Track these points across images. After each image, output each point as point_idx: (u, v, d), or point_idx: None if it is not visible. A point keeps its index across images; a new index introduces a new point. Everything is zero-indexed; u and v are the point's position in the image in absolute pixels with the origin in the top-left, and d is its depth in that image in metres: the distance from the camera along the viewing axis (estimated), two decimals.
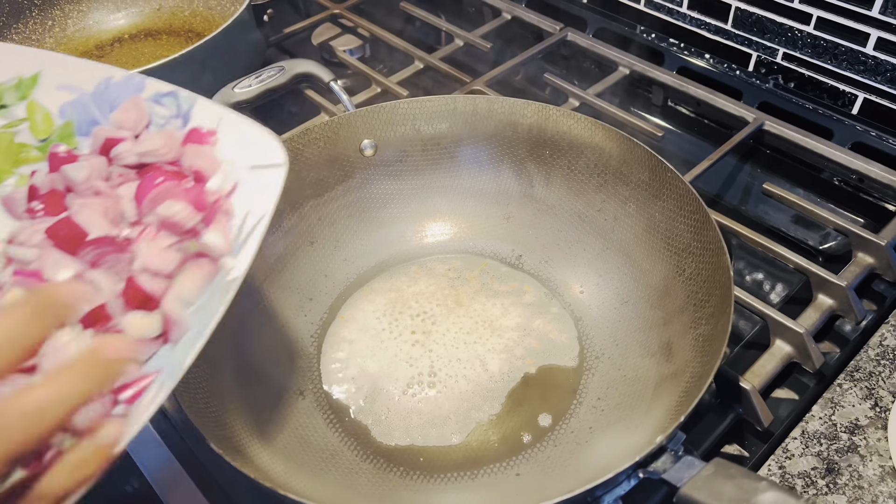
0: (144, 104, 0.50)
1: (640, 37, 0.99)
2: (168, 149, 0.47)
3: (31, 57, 0.52)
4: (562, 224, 0.70)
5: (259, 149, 0.45)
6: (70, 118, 0.51)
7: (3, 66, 0.52)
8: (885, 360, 0.62)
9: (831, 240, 0.77)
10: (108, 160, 0.48)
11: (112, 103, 0.51)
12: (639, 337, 0.62)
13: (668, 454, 0.46)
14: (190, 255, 0.43)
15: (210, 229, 0.44)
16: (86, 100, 0.51)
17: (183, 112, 0.49)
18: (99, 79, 0.51)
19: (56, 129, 0.51)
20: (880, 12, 0.76)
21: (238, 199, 0.45)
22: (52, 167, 0.48)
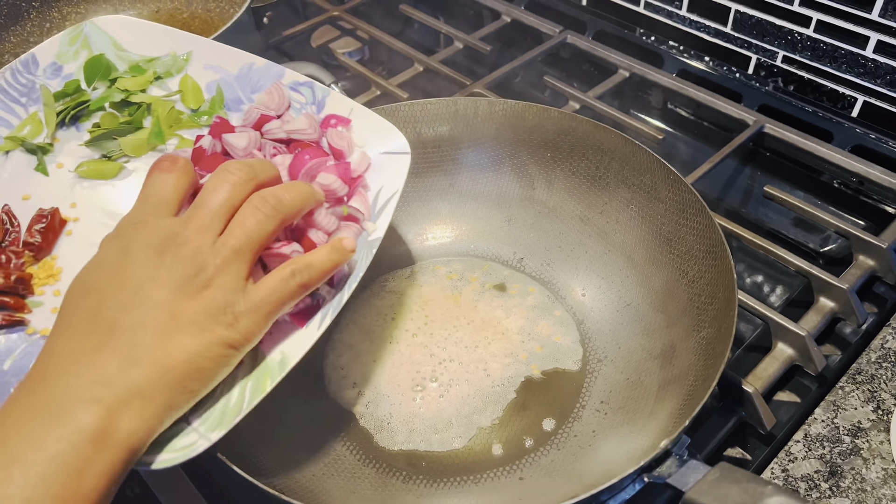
0: (285, 90, 0.58)
1: (640, 39, 0.99)
2: (312, 129, 0.56)
3: (183, 39, 0.61)
4: (563, 227, 0.70)
5: (386, 137, 0.55)
6: (216, 94, 0.60)
7: (158, 44, 0.62)
8: (887, 363, 0.62)
9: (832, 242, 0.77)
10: (260, 133, 0.56)
11: (254, 86, 0.59)
12: (641, 340, 0.62)
13: (673, 458, 0.46)
14: (342, 217, 0.53)
15: (354, 199, 0.54)
16: (230, 80, 0.60)
17: (318, 100, 0.58)
18: (242, 63, 0.60)
19: (206, 101, 0.60)
20: (880, 15, 0.76)
21: (372, 176, 0.54)
22: (213, 134, 0.56)
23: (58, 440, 0.37)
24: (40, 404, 0.39)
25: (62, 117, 0.60)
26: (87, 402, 0.39)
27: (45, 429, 0.38)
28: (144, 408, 0.40)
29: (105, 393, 0.39)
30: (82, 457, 0.37)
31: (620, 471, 0.44)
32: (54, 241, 0.55)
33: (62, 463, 0.37)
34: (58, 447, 0.37)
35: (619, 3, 1.00)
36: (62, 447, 0.37)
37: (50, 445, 0.37)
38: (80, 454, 0.37)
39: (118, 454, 0.39)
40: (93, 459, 0.38)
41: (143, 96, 0.61)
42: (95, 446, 0.38)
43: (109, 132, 0.60)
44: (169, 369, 0.41)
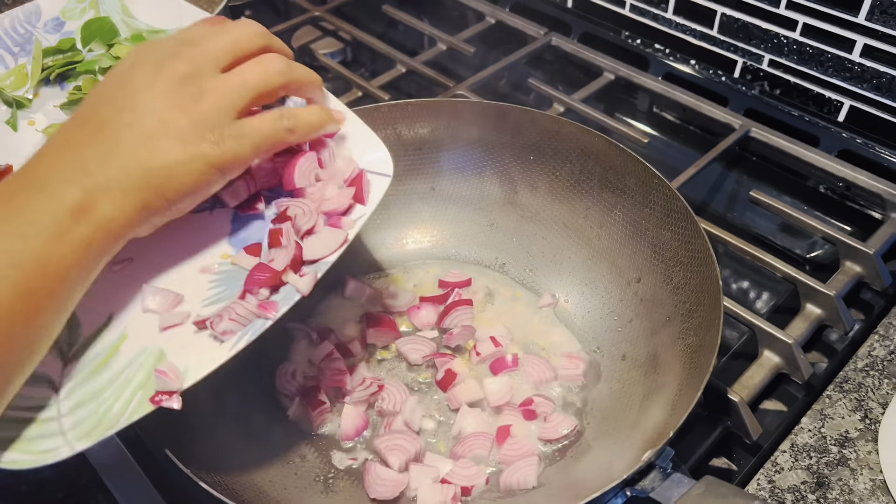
0: None
1: (626, 42, 0.98)
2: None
3: (193, 13, 0.61)
4: (546, 231, 0.69)
5: (374, 157, 0.52)
6: None
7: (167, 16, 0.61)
8: (875, 371, 0.61)
9: (818, 248, 0.77)
10: None
11: None
12: (625, 348, 0.61)
13: (657, 471, 0.45)
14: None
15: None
16: None
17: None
18: None
19: None
20: (866, 19, 0.76)
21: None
22: None
23: (38, 208, 0.41)
24: (28, 181, 0.43)
25: (47, 74, 0.60)
26: (69, 183, 0.42)
27: (29, 199, 0.41)
28: (122, 198, 0.43)
29: (84, 178, 0.42)
30: (60, 224, 0.41)
31: (603, 484, 0.43)
32: None
33: (42, 227, 0.41)
34: (38, 214, 0.41)
35: (604, 6, 0.99)
36: (42, 215, 0.41)
37: (32, 212, 0.41)
38: (59, 222, 0.41)
39: (95, 231, 0.42)
40: (70, 229, 0.41)
41: None
42: (73, 219, 0.41)
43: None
44: (148, 170, 0.43)
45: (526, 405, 0.58)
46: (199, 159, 0.44)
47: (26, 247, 0.40)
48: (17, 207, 0.41)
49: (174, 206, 0.45)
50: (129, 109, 0.44)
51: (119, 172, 0.43)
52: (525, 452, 0.54)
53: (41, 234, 0.40)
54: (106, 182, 0.42)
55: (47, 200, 0.41)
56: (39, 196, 0.42)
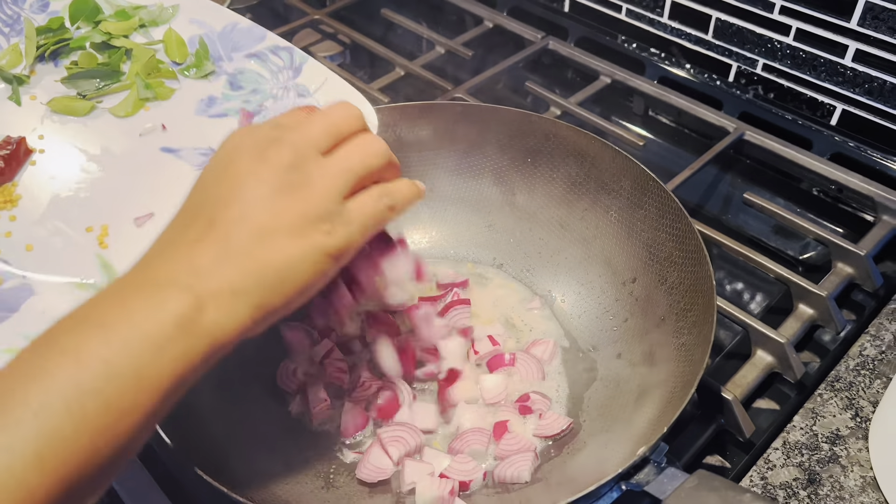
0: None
1: (622, 46, 0.99)
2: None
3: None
4: (543, 233, 0.70)
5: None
6: (200, 47, 0.61)
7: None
8: (865, 370, 0.62)
9: (811, 250, 0.78)
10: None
11: (235, 45, 0.61)
12: (620, 347, 0.62)
13: (651, 466, 0.46)
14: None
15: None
16: (213, 37, 0.62)
17: (295, 65, 0.59)
18: (227, 21, 0.62)
19: (191, 56, 0.62)
20: (858, 24, 0.77)
21: None
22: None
23: (145, 316, 0.38)
24: (138, 284, 0.41)
25: (42, 51, 0.61)
26: (179, 288, 0.39)
27: (136, 305, 0.39)
28: (234, 302, 0.40)
29: (197, 283, 0.40)
30: (165, 336, 0.38)
31: (598, 478, 0.44)
32: (17, 168, 0.56)
33: (145, 337, 0.38)
34: (144, 322, 0.38)
35: (600, 10, 1.00)
36: (147, 322, 0.38)
37: (138, 319, 0.38)
38: (164, 333, 0.38)
39: (200, 342, 0.39)
40: (175, 340, 0.38)
41: (124, 41, 0.62)
42: (179, 330, 0.38)
43: (87, 71, 0.60)
44: (264, 268, 0.41)
45: (522, 401, 0.59)
46: (315, 251, 0.42)
47: (124, 358, 0.37)
48: (120, 312, 0.39)
49: (290, 303, 0.43)
50: (237, 202, 0.42)
51: (232, 275, 0.40)
52: (522, 448, 0.55)
53: (142, 345, 0.38)
54: (218, 287, 0.40)
55: (153, 307, 0.39)
56: (145, 302, 0.39)
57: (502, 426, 0.57)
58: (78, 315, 0.39)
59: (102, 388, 0.36)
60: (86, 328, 0.38)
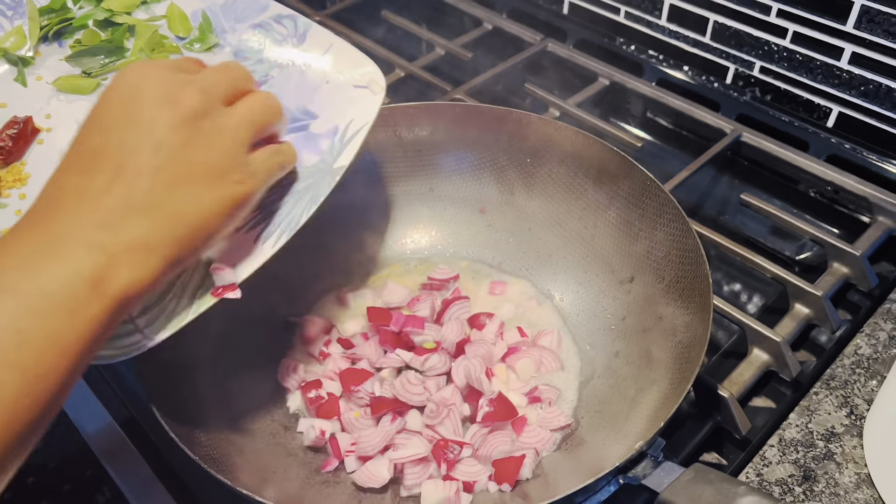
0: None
1: (620, 48, 1.00)
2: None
3: None
4: (542, 232, 0.70)
5: (363, 73, 0.56)
6: (203, 21, 0.62)
7: None
8: (860, 369, 0.63)
9: (807, 250, 0.78)
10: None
11: (238, 16, 0.61)
12: (618, 345, 0.62)
13: (648, 460, 0.46)
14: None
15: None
16: (216, 9, 0.62)
17: (300, 33, 0.59)
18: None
19: (195, 30, 0.62)
20: (854, 27, 0.78)
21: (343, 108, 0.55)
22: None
23: (55, 278, 0.37)
24: (41, 239, 0.38)
25: (45, 31, 0.62)
26: (89, 246, 0.38)
27: (43, 264, 0.37)
28: (147, 258, 0.39)
29: (108, 238, 0.38)
30: (77, 299, 0.37)
31: (596, 472, 0.44)
32: (25, 147, 0.57)
33: (57, 302, 0.36)
34: (54, 285, 0.37)
35: (599, 13, 1.00)
36: (58, 286, 0.37)
37: (46, 282, 0.36)
38: (76, 296, 0.37)
39: (113, 302, 0.38)
40: (88, 303, 0.37)
41: (127, 18, 0.63)
42: (92, 291, 0.37)
43: (90, 49, 0.61)
44: (177, 220, 0.40)
45: (531, 393, 0.59)
46: (227, 201, 0.42)
47: (38, 325, 0.36)
48: (25, 276, 0.37)
49: (198, 252, 0.43)
50: (145, 149, 0.40)
51: (143, 229, 0.39)
52: (540, 439, 0.56)
53: (55, 309, 0.36)
54: (130, 241, 0.39)
55: (61, 267, 0.37)
56: (52, 262, 0.37)
57: (521, 421, 0.57)
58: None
59: (17, 357, 0.35)
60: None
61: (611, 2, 0.98)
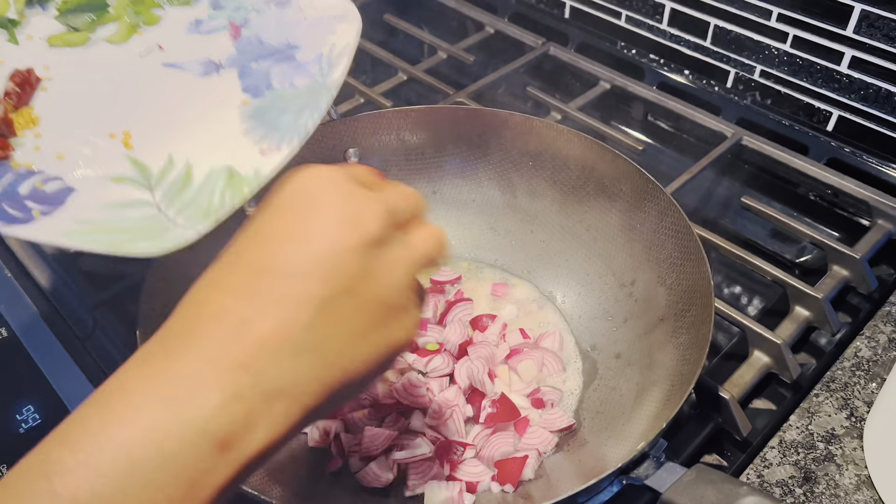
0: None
1: (621, 52, 1.00)
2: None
3: None
4: (545, 234, 0.71)
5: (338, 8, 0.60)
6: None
7: None
8: (860, 371, 0.63)
9: (807, 253, 0.79)
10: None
11: None
12: (620, 347, 0.63)
13: (651, 460, 0.47)
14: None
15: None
16: None
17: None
18: None
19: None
20: (854, 31, 0.78)
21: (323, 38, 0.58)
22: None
23: (174, 435, 0.29)
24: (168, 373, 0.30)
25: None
26: (225, 392, 0.30)
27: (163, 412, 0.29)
28: (289, 411, 0.31)
29: (250, 383, 0.30)
30: (201, 464, 0.29)
31: (598, 473, 0.45)
32: (31, 94, 0.58)
33: (176, 468, 0.29)
34: (173, 445, 0.29)
35: (600, 17, 1.01)
36: (178, 446, 0.29)
37: (163, 439, 0.29)
38: (200, 460, 0.29)
39: (241, 468, 0.30)
40: (213, 471, 0.29)
41: None
42: (220, 454, 0.29)
43: (76, 7, 0.62)
44: (334, 367, 0.33)
45: (533, 395, 0.60)
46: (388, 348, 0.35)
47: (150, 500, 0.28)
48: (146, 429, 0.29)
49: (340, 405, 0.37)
50: (320, 275, 0.32)
51: (298, 373, 0.31)
52: (543, 441, 0.56)
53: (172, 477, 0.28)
54: (276, 388, 0.31)
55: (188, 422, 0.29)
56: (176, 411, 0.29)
57: (524, 422, 0.57)
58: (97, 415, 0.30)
59: None
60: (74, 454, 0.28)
61: (612, 6, 0.99)
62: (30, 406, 0.58)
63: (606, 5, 0.99)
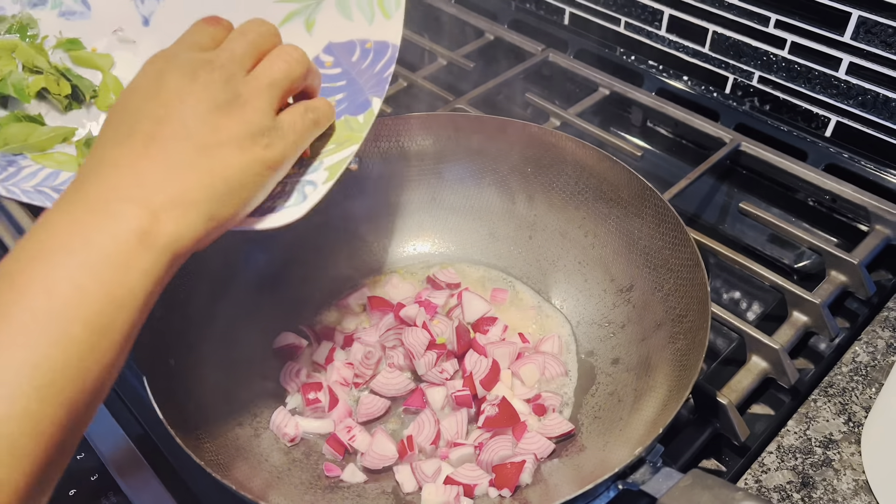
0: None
1: (620, 58, 1.00)
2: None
3: None
4: (543, 240, 0.71)
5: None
6: None
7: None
8: (858, 377, 0.64)
9: (805, 258, 0.79)
10: None
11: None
12: (618, 352, 0.63)
13: (647, 466, 0.47)
14: None
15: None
16: None
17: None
18: None
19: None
20: (852, 38, 0.78)
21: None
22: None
23: (102, 234, 0.39)
24: (86, 203, 0.40)
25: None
26: (131, 203, 0.40)
27: (93, 223, 0.39)
28: (188, 213, 0.42)
29: (148, 195, 0.41)
30: (127, 252, 0.39)
31: (595, 478, 0.45)
32: None
33: (107, 255, 0.38)
34: (103, 240, 0.39)
35: (599, 23, 1.01)
36: (107, 241, 0.39)
37: (96, 238, 0.39)
38: (125, 249, 0.39)
39: (162, 255, 0.40)
40: (137, 256, 0.39)
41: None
42: (140, 244, 0.39)
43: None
44: (212, 179, 0.43)
45: (534, 400, 0.60)
46: (257, 163, 0.45)
47: (93, 280, 0.38)
48: (77, 235, 0.39)
49: (238, 214, 0.45)
50: (174, 120, 0.43)
51: (182, 187, 0.42)
52: (540, 446, 0.57)
53: (107, 264, 0.38)
54: (170, 198, 0.41)
55: (110, 224, 0.39)
56: (100, 220, 0.39)
57: (522, 427, 0.58)
58: (35, 241, 0.39)
59: (81, 313, 0.37)
60: (48, 255, 0.38)
61: (611, 13, 0.99)
62: None
63: (605, 12, 1.00)
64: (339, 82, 0.55)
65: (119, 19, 0.61)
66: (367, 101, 0.53)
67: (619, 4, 0.98)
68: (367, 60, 0.56)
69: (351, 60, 0.56)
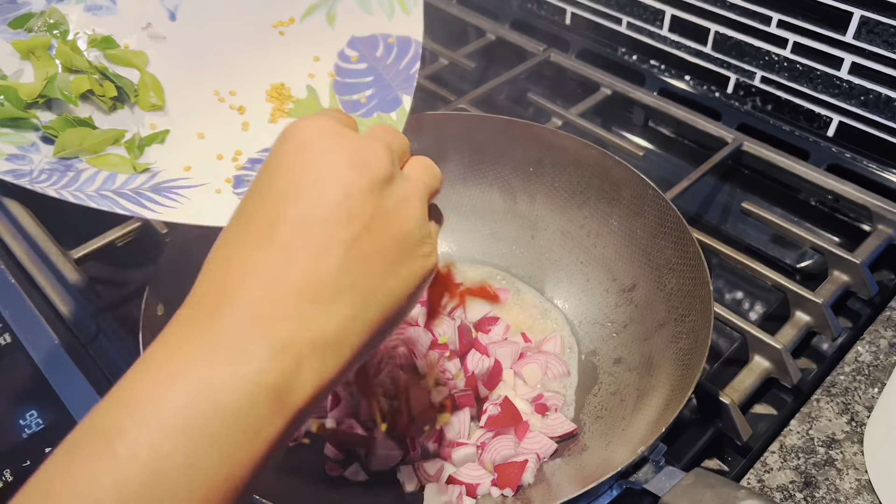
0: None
1: (622, 58, 1.00)
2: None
3: None
4: (545, 240, 0.71)
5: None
6: None
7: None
8: (861, 376, 0.63)
9: (808, 258, 0.79)
10: None
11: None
12: (620, 352, 0.63)
13: (650, 465, 0.47)
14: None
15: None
16: None
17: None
18: None
19: None
20: (854, 37, 0.78)
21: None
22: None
23: (231, 391, 0.29)
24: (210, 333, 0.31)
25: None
26: (273, 346, 0.31)
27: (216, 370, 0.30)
28: (337, 354, 0.32)
29: (296, 333, 0.31)
30: (259, 417, 0.30)
31: (598, 477, 0.45)
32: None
33: (233, 421, 0.29)
34: (230, 400, 0.29)
35: (601, 23, 1.01)
36: (236, 401, 0.29)
37: (221, 396, 0.29)
38: (257, 414, 0.30)
39: (296, 415, 0.31)
40: (270, 422, 0.30)
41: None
42: (276, 405, 0.30)
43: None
44: (372, 305, 0.34)
45: (537, 400, 0.60)
46: (417, 277, 0.36)
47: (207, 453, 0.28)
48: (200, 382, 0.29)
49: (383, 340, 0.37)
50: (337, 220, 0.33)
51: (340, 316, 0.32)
52: (542, 445, 0.57)
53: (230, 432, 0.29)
54: (321, 335, 0.32)
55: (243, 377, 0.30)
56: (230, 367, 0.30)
57: (524, 426, 0.58)
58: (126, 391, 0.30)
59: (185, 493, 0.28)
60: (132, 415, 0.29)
61: (613, 12, 0.99)
62: (33, 411, 0.59)
63: (607, 11, 1.00)
64: (367, 78, 0.55)
65: (145, 14, 0.59)
66: (397, 99, 0.53)
67: (620, 4, 0.98)
68: (392, 56, 0.55)
69: (376, 56, 0.56)
